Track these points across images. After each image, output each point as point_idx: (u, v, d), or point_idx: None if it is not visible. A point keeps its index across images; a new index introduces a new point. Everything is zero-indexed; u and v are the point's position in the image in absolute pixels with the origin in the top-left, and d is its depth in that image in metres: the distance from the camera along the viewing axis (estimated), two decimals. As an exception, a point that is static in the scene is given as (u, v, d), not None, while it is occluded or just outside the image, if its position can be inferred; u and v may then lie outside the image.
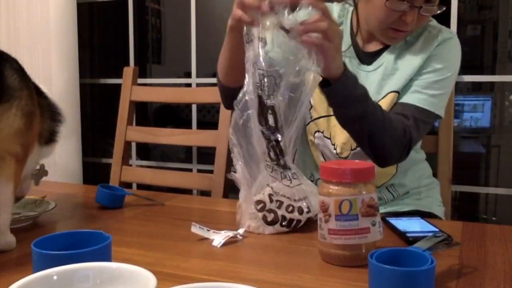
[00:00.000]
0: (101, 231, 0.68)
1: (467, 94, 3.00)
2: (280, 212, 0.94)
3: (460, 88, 2.86)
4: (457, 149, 2.77)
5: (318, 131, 1.29)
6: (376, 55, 1.25)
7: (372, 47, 1.26)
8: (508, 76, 1.95)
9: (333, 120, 1.25)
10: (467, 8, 3.27)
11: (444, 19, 1.55)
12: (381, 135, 1.10)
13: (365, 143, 1.12)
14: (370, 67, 1.24)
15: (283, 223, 0.94)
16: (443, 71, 1.21)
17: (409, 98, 1.19)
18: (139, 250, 0.85)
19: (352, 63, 1.25)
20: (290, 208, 0.94)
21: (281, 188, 0.95)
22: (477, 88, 3.08)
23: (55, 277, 0.53)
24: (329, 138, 1.27)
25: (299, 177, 0.97)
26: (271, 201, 0.94)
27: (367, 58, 1.25)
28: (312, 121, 1.29)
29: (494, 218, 2.92)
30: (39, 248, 0.63)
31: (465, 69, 1.89)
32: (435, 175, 1.45)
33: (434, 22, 1.26)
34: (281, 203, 0.94)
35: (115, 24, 3.17)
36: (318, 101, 1.27)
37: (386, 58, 1.23)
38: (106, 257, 0.64)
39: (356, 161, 0.84)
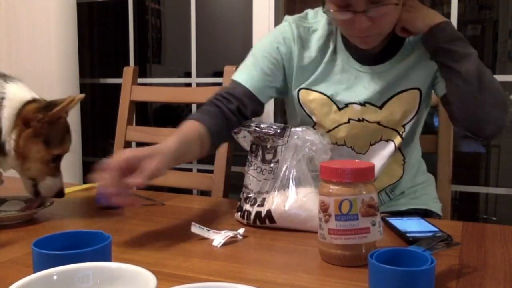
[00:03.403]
0: (101, 231, 0.68)
1: (467, 94, 3.00)
2: (243, 205, 1.00)
3: (460, 88, 2.85)
4: (457, 149, 2.77)
5: (331, 143, 1.18)
6: (380, 56, 1.18)
7: (374, 48, 1.17)
8: (508, 76, 1.94)
9: (343, 129, 1.21)
10: (467, 8, 3.27)
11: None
12: (491, 92, 1.05)
13: (474, 102, 1.06)
14: (384, 66, 1.17)
15: (244, 215, 1.00)
16: None
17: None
18: (139, 250, 0.85)
19: (354, 69, 1.18)
20: (247, 200, 1.00)
21: (251, 182, 1.01)
22: (477, 88, 3.08)
23: (55, 277, 0.54)
24: (344, 145, 1.22)
25: (279, 174, 0.98)
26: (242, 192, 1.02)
27: (372, 59, 1.18)
28: None
29: (494, 218, 2.92)
30: (39, 248, 0.63)
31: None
32: (434, 175, 1.45)
33: None
34: (248, 197, 1.00)
35: (115, 24, 3.17)
36: (322, 117, 1.21)
37: (406, 55, 1.17)
38: (106, 257, 0.64)
39: (356, 161, 0.84)
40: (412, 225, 0.93)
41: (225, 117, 1.14)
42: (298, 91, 1.21)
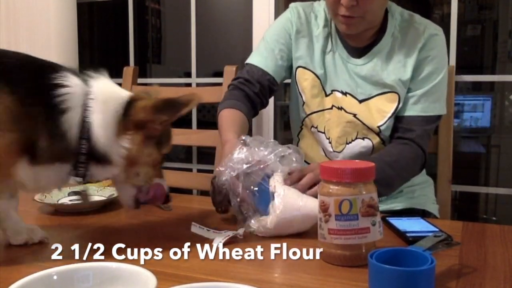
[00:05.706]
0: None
1: (467, 94, 3.00)
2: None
3: (460, 88, 2.86)
4: (457, 149, 2.77)
5: (313, 126, 1.31)
6: (365, 50, 1.25)
7: (359, 43, 1.26)
8: (508, 76, 1.95)
9: (326, 115, 1.28)
10: (467, 8, 3.27)
11: (444, 19, 1.55)
12: (405, 177, 1.24)
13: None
14: (360, 61, 1.25)
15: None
16: (436, 74, 1.23)
17: (413, 111, 1.23)
18: (139, 250, 0.84)
19: (342, 58, 1.26)
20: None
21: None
22: (477, 88, 3.08)
23: (55, 277, 0.54)
24: (323, 133, 1.30)
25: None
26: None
27: (356, 53, 1.26)
28: (306, 116, 1.32)
29: (494, 218, 2.92)
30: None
31: (465, 69, 1.89)
32: (434, 175, 1.45)
33: (418, 18, 1.27)
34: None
35: (115, 24, 3.18)
36: (310, 97, 1.29)
37: (376, 53, 1.24)
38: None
39: (356, 161, 0.84)
40: (412, 225, 0.93)
41: (251, 100, 1.29)
42: (296, 68, 1.31)
